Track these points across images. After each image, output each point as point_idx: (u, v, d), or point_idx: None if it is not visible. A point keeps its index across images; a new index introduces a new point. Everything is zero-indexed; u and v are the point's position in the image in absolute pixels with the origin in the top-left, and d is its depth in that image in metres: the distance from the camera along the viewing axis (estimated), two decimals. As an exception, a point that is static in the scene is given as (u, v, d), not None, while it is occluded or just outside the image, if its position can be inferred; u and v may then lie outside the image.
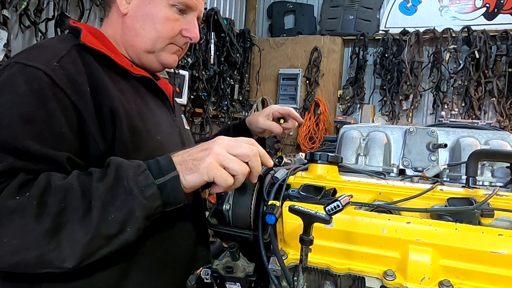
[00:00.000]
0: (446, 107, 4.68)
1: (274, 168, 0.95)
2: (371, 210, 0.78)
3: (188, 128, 1.24)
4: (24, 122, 0.74)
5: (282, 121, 1.33)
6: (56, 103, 0.78)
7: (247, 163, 0.79)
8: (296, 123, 1.35)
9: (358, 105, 5.05)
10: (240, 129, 1.36)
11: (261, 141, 1.39)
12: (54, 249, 0.69)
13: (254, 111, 5.34)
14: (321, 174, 0.89)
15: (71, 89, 0.81)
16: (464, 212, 0.72)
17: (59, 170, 0.77)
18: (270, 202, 0.80)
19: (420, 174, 0.96)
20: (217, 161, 0.76)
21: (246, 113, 5.30)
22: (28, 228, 0.68)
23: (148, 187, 0.73)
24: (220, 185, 0.78)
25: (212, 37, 4.45)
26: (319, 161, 0.89)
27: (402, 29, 4.81)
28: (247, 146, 0.80)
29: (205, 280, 0.85)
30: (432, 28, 4.66)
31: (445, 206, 0.76)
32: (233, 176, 0.78)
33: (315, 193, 0.82)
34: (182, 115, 1.23)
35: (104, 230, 0.71)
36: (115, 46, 0.99)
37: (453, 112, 4.64)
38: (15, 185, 0.71)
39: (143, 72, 1.00)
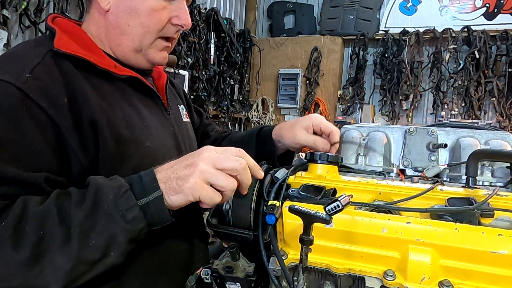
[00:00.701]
0: (446, 107, 4.68)
1: (274, 168, 0.95)
2: (371, 210, 0.78)
3: (188, 120, 1.16)
4: None
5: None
6: (30, 119, 0.74)
7: (235, 176, 0.75)
8: (328, 147, 1.08)
9: (358, 105, 5.05)
10: (263, 141, 1.16)
11: (289, 155, 1.20)
12: (37, 275, 0.67)
13: (254, 111, 5.34)
14: (321, 174, 0.89)
15: (46, 102, 0.75)
16: (464, 212, 0.72)
17: (38, 192, 0.73)
18: (270, 202, 0.79)
19: (420, 174, 0.96)
20: (202, 180, 0.72)
21: (246, 113, 5.30)
22: (7, 258, 0.66)
23: (130, 209, 0.70)
24: (206, 203, 0.74)
25: (212, 37, 4.45)
26: (319, 161, 0.89)
27: (402, 29, 4.81)
28: (235, 159, 0.75)
29: (205, 280, 0.85)
30: (432, 28, 4.67)
31: (445, 206, 0.76)
32: (220, 191, 0.74)
33: (315, 193, 0.82)
34: (181, 106, 1.15)
35: (86, 256, 0.69)
36: (97, 46, 0.92)
37: (453, 112, 4.64)
38: None
39: (128, 72, 0.92)
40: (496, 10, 4.59)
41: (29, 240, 0.67)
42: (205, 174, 0.73)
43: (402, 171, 1.01)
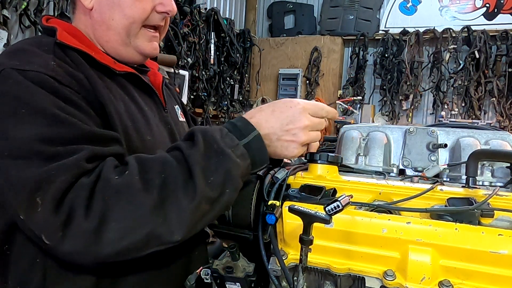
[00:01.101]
0: (446, 107, 4.69)
1: (274, 168, 0.95)
2: (371, 210, 0.78)
3: (184, 119, 1.18)
4: (69, 116, 0.73)
5: None
6: (76, 97, 0.77)
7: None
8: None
9: (358, 105, 5.05)
10: None
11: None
12: (162, 222, 0.69)
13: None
14: (321, 174, 0.89)
15: (77, 86, 0.79)
16: (464, 212, 0.72)
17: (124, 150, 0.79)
18: (270, 202, 0.79)
19: (420, 174, 0.96)
20: (301, 147, 0.83)
21: (246, 113, 5.29)
22: (137, 204, 0.68)
23: (236, 147, 0.75)
24: None
25: (212, 37, 4.46)
26: (319, 161, 0.89)
27: (402, 29, 4.81)
28: (322, 122, 0.85)
29: (205, 280, 0.85)
30: (432, 28, 4.67)
31: (445, 206, 0.76)
32: None
33: (315, 193, 0.82)
34: (177, 106, 1.17)
35: (207, 193, 0.71)
36: (93, 43, 0.93)
37: (453, 112, 4.64)
38: (110, 167, 0.70)
39: (127, 68, 0.94)
40: (496, 10, 4.59)
41: (155, 184, 0.69)
42: (305, 143, 0.83)
43: (402, 171, 1.01)
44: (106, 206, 0.67)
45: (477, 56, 4.41)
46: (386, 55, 4.81)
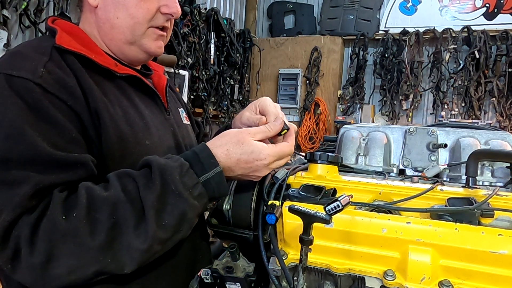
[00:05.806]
0: (446, 107, 4.68)
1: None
2: (371, 210, 0.78)
3: (188, 122, 1.17)
4: (35, 133, 0.72)
5: (284, 131, 0.91)
6: (57, 111, 0.76)
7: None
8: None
9: (358, 105, 5.05)
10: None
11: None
12: (112, 261, 0.70)
13: (254, 111, 5.33)
14: (321, 174, 0.89)
15: (65, 94, 0.78)
16: (464, 212, 0.72)
17: (88, 174, 0.76)
18: (270, 202, 0.79)
19: (420, 174, 0.96)
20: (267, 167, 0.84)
21: (246, 113, 5.29)
22: (84, 247, 0.68)
23: (195, 187, 0.75)
24: None
25: (212, 37, 4.45)
26: (319, 161, 0.89)
27: (402, 29, 4.81)
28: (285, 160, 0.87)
29: (205, 280, 0.85)
30: (432, 28, 4.67)
31: (445, 206, 0.76)
32: None
33: (315, 193, 0.82)
34: (181, 109, 1.16)
35: (160, 235, 0.72)
36: (96, 44, 0.93)
37: (453, 112, 4.64)
38: (57, 206, 0.69)
39: (128, 71, 0.93)
40: (496, 10, 4.59)
41: (103, 227, 0.70)
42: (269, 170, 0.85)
43: (402, 171, 1.02)
44: (52, 246, 0.68)
45: (477, 56, 4.40)
46: (386, 55, 4.80)
